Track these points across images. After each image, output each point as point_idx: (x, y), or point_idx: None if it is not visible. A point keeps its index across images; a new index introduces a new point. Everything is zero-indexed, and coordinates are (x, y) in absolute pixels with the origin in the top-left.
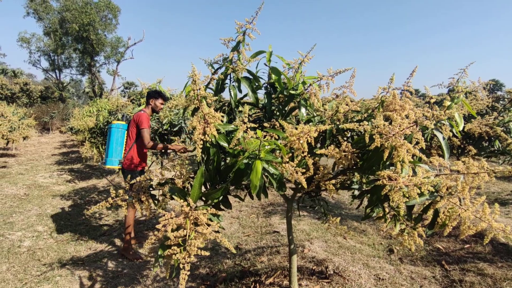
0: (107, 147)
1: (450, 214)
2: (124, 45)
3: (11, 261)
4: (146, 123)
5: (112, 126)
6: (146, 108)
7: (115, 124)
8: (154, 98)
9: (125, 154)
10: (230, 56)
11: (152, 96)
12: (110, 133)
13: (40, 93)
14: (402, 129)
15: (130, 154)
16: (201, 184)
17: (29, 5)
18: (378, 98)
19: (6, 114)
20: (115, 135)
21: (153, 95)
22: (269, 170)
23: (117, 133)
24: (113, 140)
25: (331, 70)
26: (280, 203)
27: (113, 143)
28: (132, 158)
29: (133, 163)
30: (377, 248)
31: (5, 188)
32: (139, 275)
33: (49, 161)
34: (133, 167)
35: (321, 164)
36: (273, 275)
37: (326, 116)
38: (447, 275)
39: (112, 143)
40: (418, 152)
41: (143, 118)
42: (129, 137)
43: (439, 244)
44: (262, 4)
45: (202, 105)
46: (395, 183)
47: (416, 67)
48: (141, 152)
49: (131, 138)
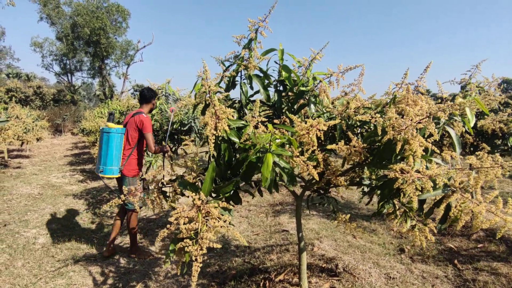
0: (105, 154)
1: (462, 208)
2: (134, 48)
3: (26, 257)
4: (151, 127)
5: (112, 130)
6: (145, 108)
7: (114, 128)
8: (155, 97)
9: (125, 160)
10: (242, 53)
11: (154, 96)
12: (109, 138)
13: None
14: (415, 122)
15: (132, 159)
16: (213, 178)
17: (42, 10)
18: (390, 93)
19: (20, 116)
20: (115, 141)
21: (155, 95)
22: (280, 164)
23: (118, 138)
24: (113, 146)
25: (341, 66)
26: (289, 203)
27: (114, 150)
28: (134, 164)
29: (135, 169)
30: (388, 247)
31: (20, 187)
32: (150, 271)
33: (61, 162)
34: (134, 173)
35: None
36: (283, 273)
37: (336, 113)
38: (460, 275)
39: (112, 149)
40: (430, 145)
41: (148, 122)
42: (128, 141)
43: (451, 243)
44: (276, 3)
45: (214, 100)
46: (408, 176)
47: (431, 63)
48: (141, 157)
49: (131, 143)
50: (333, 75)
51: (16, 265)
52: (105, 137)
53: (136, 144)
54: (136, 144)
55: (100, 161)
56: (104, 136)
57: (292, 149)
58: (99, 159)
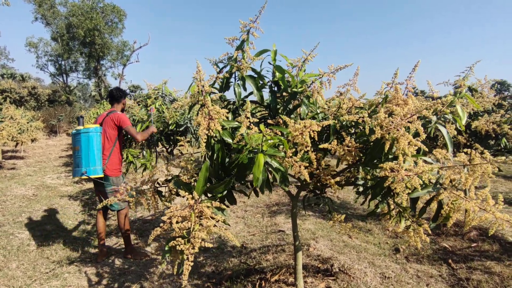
0: (86, 155)
1: (454, 206)
2: (130, 49)
3: (20, 259)
4: (129, 120)
5: (90, 130)
6: (117, 107)
7: (93, 128)
8: (125, 97)
9: (106, 160)
10: (234, 55)
11: (124, 95)
12: (88, 138)
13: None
14: (404, 121)
15: (113, 158)
16: (206, 178)
17: (37, 10)
18: (381, 93)
19: (15, 117)
20: (95, 140)
21: (125, 94)
22: (272, 164)
23: (97, 137)
24: (94, 146)
25: (332, 66)
26: (285, 203)
27: (95, 149)
28: (116, 162)
29: (117, 168)
30: (383, 247)
31: (14, 189)
32: (146, 272)
33: (56, 163)
34: (117, 172)
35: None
36: (279, 273)
37: (329, 113)
38: (454, 274)
39: (94, 149)
40: (418, 143)
41: (124, 117)
42: (108, 140)
43: (445, 243)
44: (266, 3)
45: (207, 101)
46: (397, 174)
47: (419, 62)
48: (120, 154)
49: (110, 141)
50: (324, 76)
51: (10, 267)
52: (84, 137)
53: (114, 142)
54: (114, 142)
55: (81, 163)
56: (83, 137)
57: (285, 149)
58: (80, 161)
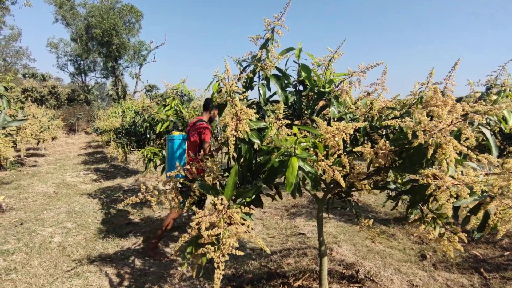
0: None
1: (502, 216)
2: (146, 49)
3: (42, 256)
4: (209, 136)
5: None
6: (205, 116)
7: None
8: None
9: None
10: (258, 54)
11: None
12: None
13: (67, 95)
14: (449, 125)
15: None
16: (235, 182)
17: (57, 12)
18: (416, 93)
19: (36, 115)
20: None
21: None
22: (304, 168)
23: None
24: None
25: (362, 65)
26: (304, 205)
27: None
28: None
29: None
30: (408, 253)
31: (35, 186)
32: (166, 274)
33: (75, 160)
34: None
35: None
36: (302, 278)
37: (358, 113)
38: (487, 284)
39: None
40: (466, 150)
41: (208, 132)
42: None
43: (476, 250)
44: (290, 0)
45: (235, 101)
46: (442, 182)
47: (459, 59)
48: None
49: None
50: (354, 75)
51: (32, 264)
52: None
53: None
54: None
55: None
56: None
57: (317, 152)
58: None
